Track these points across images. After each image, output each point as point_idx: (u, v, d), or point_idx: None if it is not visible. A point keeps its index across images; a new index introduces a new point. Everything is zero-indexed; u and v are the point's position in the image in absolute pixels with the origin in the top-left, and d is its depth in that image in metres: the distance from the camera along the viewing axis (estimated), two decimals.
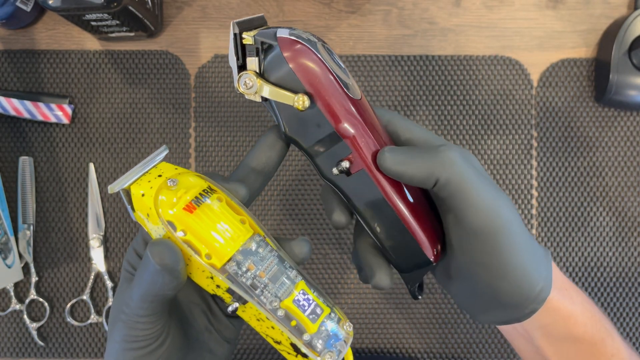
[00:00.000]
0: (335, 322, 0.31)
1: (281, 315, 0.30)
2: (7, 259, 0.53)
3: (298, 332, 0.30)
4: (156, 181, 0.30)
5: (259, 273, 0.30)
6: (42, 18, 0.55)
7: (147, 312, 0.31)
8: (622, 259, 0.54)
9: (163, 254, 0.29)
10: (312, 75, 0.31)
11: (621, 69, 0.51)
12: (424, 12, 0.55)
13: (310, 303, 0.30)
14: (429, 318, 0.55)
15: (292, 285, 0.30)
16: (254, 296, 0.30)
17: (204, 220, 0.29)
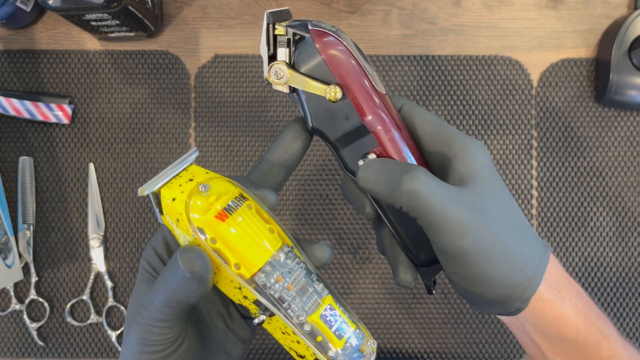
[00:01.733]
0: (360, 339, 0.30)
1: (307, 330, 0.29)
2: (7, 259, 0.53)
3: (323, 347, 0.29)
4: (187, 185, 0.29)
5: (287, 285, 0.29)
6: (42, 18, 0.55)
7: (167, 317, 0.30)
8: (622, 259, 0.54)
9: (193, 262, 0.28)
10: (343, 67, 0.31)
11: (621, 69, 0.51)
12: (424, 12, 0.55)
13: (337, 319, 0.30)
14: (429, 318, 0.55)
15: (320, 299, 0.30)
16: (282, 309, 0.29)
17: (235, 229, 0.29)
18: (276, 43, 0.32)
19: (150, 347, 0.31)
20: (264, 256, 0.29)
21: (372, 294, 0.55)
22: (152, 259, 0.33)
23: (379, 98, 0.32)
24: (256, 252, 0.29)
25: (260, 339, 0.55)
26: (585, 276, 0.54)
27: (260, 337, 0.55)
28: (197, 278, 0.28)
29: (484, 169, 0.32)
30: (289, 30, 0.31)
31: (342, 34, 0.32)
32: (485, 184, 0.32)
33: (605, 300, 0.54)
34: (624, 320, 0.54)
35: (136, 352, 0.31)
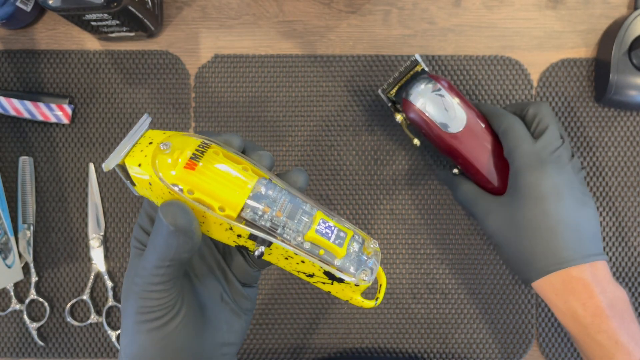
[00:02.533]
0: (360, 242, 0.31)
1: (307, 248, 0.30)
2: (7, 259, 0.53)
3: (328, 259, 0.30)
4: (149, 149, 0.29)
5: (275, 213, 0.30)
6: (42, 18, 0.56)
7: (162, 279, 0.30)
8: (622, 259, 0.54)
9: (175, 215, 0.28)
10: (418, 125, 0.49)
11: (621, 69, 0.51)
12: (424, 12, 0.55)
13: (333, 229, 0.30)
14: (429, 318, 0.55)
15: (311, 217, 0.30)
16: (277, 236, 0.30)
17: (207, 175, 0.29)
18: (395, 105, 0.52)
19: (148, 314, 0.31)
20: (244, 192, 0.29)
21: (372, 294, 0.55)
22: (140, 236, 0.33)
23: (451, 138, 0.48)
24: (235, 190, 0.29)
25: (260, 339, 0.55)
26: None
27: (260, 337, 0.55)
28: (182, 230, 0.28)
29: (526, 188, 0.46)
30: (397, 97, 0.51)
31: (428, 94, 0.48)
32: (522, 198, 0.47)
33: None
34: None
35: (135, 323, 0.31)
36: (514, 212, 0.45)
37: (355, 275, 0.30)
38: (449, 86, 0.48)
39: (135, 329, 0.31)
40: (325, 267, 0.30)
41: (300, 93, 0.55)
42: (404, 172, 0.55)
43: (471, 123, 0.48)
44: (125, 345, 0.32)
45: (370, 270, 0.31)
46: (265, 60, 0.55)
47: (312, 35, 0.55)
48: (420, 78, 0.48)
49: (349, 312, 0.55)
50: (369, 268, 0.31)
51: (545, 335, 0.54)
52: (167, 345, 0.31)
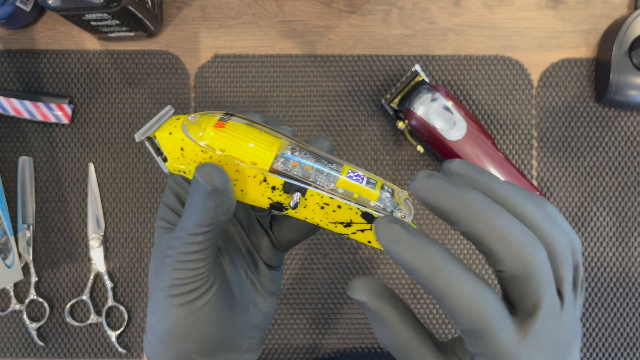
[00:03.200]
0: (390, 191, 0.31)
1: (342, 191, 0.30)
2: (7, 259, 0.53)
3: (363, 202, 0.30)
4: (178, 121, 0.31)
5: (305, 167, 0.31)
6: (42, 18, 0.55)
7: (198, 247, 0.30)
8: (622, 259, 0.54)
9: (211, 174, 0.28)
10: (421, 133, 0.51)
11: (621, 69, 0.51)
12: (424, 12, 0.55)
13: (363, 177, 0.31)
14: (429, 318, 0.55)
15: (339, 170, 0.31)
16: (310, 185, 0.30)
17: (236, 134, 0.30)
18: (398, 115, 0.54)
19: (182, 287, 0.30)
20: (274, 148, 0.30)
21: None
22: (167, 215, 0.33)
23: (452, 146, 0.51)
24: (265, 147, 0.30)
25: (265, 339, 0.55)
26: (586, 276, 0.54)
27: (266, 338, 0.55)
28: (218, 190, 0.28)
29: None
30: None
31: (431, 106, 0.50)
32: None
33: (605, 300, 0.54)
34: (624, 320, 0.54)
35: (167, 297, 0.31)
36: None
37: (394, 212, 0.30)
38: (450, 95, 0.51)
39: (167, 302, 0.31)
40: (363, 208, 0.30)
41: (300, 93, 0.55)
42: (404, 172, 0.55)
43: (472, 131, 0.50)
44: (155, 324, 0.32)
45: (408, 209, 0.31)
46: (265, 60, 0.55)
47: (312, 35, 0.55)
48: (422, 88, 0.51)
49: (349, 312, 0.55)
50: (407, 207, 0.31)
51: None
52: (198, 319, 0.31)
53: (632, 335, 0.54)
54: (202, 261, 0.30)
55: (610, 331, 0.54)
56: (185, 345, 0.31)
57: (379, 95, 0.55)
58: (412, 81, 0.53)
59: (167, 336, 0.31)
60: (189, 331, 0.31)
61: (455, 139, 0.50)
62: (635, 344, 0.54)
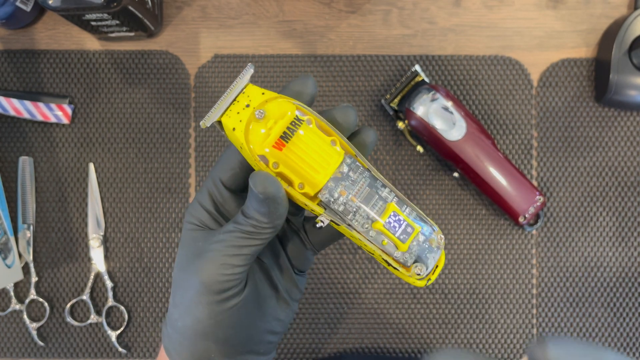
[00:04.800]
0: (427, 235, 0.31)
1: (372, 235, 0.31)
2: (7, 259, 0.53)
3: (389, 250, 0.31)
4: (245, 113, 0.30)
5: (350, 197, 0.30)
6: (42, 18, 0.55)
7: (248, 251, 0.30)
8: (622, 259, 0.54)
9: (264, 184, 0.29)
10: (421, 133, 0.52)
11: (621, 69, 0.51)
12: (424, 12, 0.55)
13: (401, 224, 0.31)
14: (429, 318, 0.55)
15: (384, 205, 0.31)
16: (346, 221, 0.31)
17: (294, 153, 0.30)
18: (397, 115, 0.54)
19: (215, 285, 0.30)
20: (326, 174, 0.30)
21: (372, 293, 0.55)
22: (200, 214, 0.32)
23: (452, 146, 0.51)
24: (317, 171, 0.30)
25: None
26: (585, 276, 0.54)
27: None
28: (271, 198, 0.29)
29: None
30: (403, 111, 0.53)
31: (431, 106, 0.51)
32: None
33: (605, 300, 0.54)
34: (623, 320, 0.54)
35: (197, 294, 0.30)
36: None
37: (411, 270, 0.31)
38: (449, 96, 0.51)
39: (196, 299, 0.31)
40: (384, 256, 0.31)
41: None
42: (404, 172, 0.55)
43: (471, 131, 0.50)
44: (177, 318, 0.32)
45: (425, 266, 0.31)
46: (265, 60, 0.55)
47: (312, 35, 0.55)
48: (422, 89, 0.51)
49: (349, 312, 0.55)
50: (426, 264, 0.31)
51: (545, 335, 0.54)
52: (224, 321, 0.31)
53: (632, 335, 0.54)
54: (244, 262, 0.30)
55: (610, 331, 0.54)
56: (206, 344, 0.31)
57: (379, 95, 0.55)
58: (412, 81, 0.53)
59: (189, 332, 0.31)
60: (212, 331, 0.31)
61: (455, 139, 0.50)
62: (635, 344, 0.54)
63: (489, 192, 0.51)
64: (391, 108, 0.53)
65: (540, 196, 0.52)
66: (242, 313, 0.31)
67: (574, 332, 0.54)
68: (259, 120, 0.30)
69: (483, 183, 0.51)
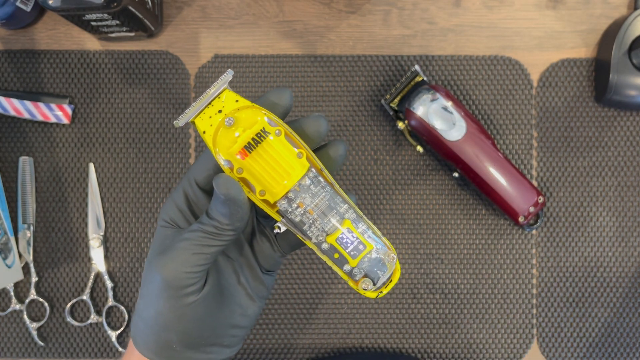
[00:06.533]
0: (379, 254, 0.33)
1: (325, 248, 0.32)
2: (7, 259, 0.53)
3: (340, 263, 0.32)
4: (216, 118, 0.31)
5: (308, 210, 0.32)
6: (42, 18, 0.56)
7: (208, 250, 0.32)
8: (622, 259, 0.54)
9: (225, 185, 0.30)
10: (421, 133, 0.51)
11: (621, 69, 0.51)
12: (424, 12, 0.55)
13: (354, 240, 0.32)
14: (429, 318, 0.55)
15: (340, 221, 0.32)
16: (300, 232, 0.32)
17: (257, 162, 0.31)
18: (398, 115, 0.54)
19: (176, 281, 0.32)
20: (287, 184, 0.31)
21: None
22: (173, 213, 0.34)
23: (451, 146, 0.51)
24: (278, 181, 0.31)
25: (260, 338, 0.55)
26: (585, 276, 0.55)
27: (260, 337, 0.55)
28: (232, 200, 0.30)
29: None
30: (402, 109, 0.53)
31: (430, 105, 0.51)
32: None
33: (605, 300, 0.54)
34: (623, 320, 0.54)
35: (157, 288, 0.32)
36: None
37: (359, 284, 0.33)
38: (449, 96, 0.51)
39: (157, 294, 0.32)
40: (335, 268, 0.33)
41: (300, 93, 0.55)
42: (404, 172, 0.55)
43: (471, 131, 0.50)
44: (142, 309, 0.33)
45: (372, 282, 0.33)
46: (265, 60, 0.55)
47: (312, 35, 0.55)
48: (422, 89, 0.51)
49: (349, 312, 0.55)
50: (374, 280, 0.33)
51: (545, 335, 0.54)
52: (183, 315, 0.32)
53: (632, 335, 0.54)
54: (204, 262, 0.32)
55: (610, 331, 0.54)
56: (168, 335, 0.33)
57: (378, 95, 0.55)
58: (412, 81, 0.53)
59: (152, 322, 0.33)
60: (173, 324, 0.32)
61: (455, 139, 0.50)
62: (635, 344, 0.54)
63: (489, 192, 0.51)
64: (391, 108, 0.53)
65: (540, 196, 0.52)
66: (202, 308, 0.33)
67: (574, 332, 0.54)
68: (228, 127, 0.31)
69: (483, 183, 0.51)
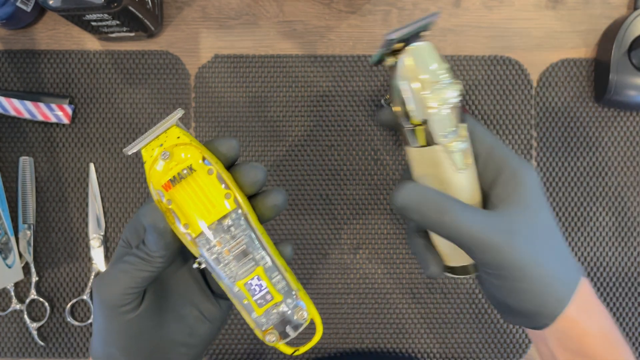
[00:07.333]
0: (290, 308, 0.34)
1: (235, 291, 0.33)
2: (8, 259, 0.53)
3: (248, 309, 0.34)
4: (157, 150, 0.34)
5: (224, 250, 0.33)
6: (43, 18, 0.56)
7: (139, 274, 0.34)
8: (622, 259, 0.55)
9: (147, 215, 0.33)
10: None
11: (621, 69, 0.51)
12: (424, 12, 0.55)
13: (262, 289, 0.34)
14: (429, 318, 0.55)
15: (253, 268, 0.33)
16: (215, 271, 0.33)
17: (182, 194, 0.33)
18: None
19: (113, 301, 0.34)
20: (208, 221, 0.33)
21: (372, 293, 0.55)
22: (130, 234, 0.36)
23: None
24: (200, 216, 0.33)
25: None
26: (585, 276, 0.55)
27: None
28: (153, 228, 0.33)
29: (527, 195, 0.35)
30: None
31: None
32: (525, 209, 0.35)
33: (605, 300, 0.54)
34: (623, 320, 0.54)
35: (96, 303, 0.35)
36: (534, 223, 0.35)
37: (265, 335, 0.34)
38: None
39: (97, 311, 0.35)
40: (243, 314, 0.34)
41: (300, 93, 0.55)
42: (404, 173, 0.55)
43: None
44: (93, 323, 0.36)
45: (276, 336, 0.34)
46: (265, 60, 0.55)
47: (312, 35, 0.55)
48: None
49: (349, 312, 0.55)
50: (281, 334, 0.34)
51: None
52: (121, 332, 0.35)
53: (632, 335, 0.54)
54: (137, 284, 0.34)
55: None
56: (110, 350, 0.35)
57: (378, 95, 0.55)
58: None
59: (97, 336, 0.35)
60: (113, 339, 0.35)
61: None
62: (635, 343, 0.54)
63: None
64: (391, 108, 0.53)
65: None
66: (140, 325, 0.35)
67: None
68: (163, 160, 0.33)
69: None
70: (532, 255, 0.34)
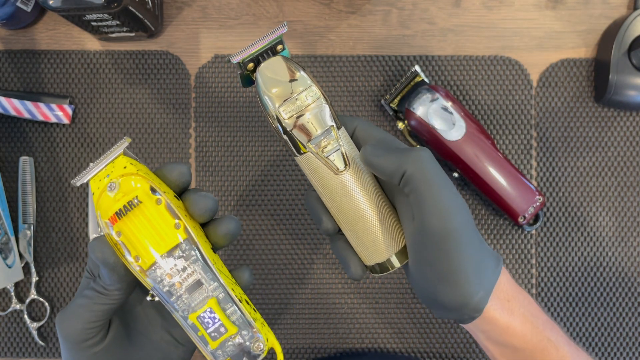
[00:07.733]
0: (246, 339, 0.33)
1: (190, 324, 0.33)
2: (8, 259, 0.53)
3: (203, 342, 0.33)
4: (103, 182, 0.33)
5: (175, 283, 0.32)
6: (43, 18, 0.56)
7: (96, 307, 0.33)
8: (622, 259, 0.54)
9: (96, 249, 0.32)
10: (421, 133, 0.51)
11: (621, 69, 0.51)
12: (424, 12, 0.55)
13: (215, 322, 0.33)
14: (429, 318, 0.55)
15: (205, 300, 0.33)
16: (168, 303, 0.33)
17: (130, 227, 0.32)
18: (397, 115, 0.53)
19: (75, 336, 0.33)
20: (158, 252, 0.32)
21: (372, 294, 0.55)
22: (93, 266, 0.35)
23: (451, 146, 0.51)
24: (147, 249, 0.32)
25: None
26: (585, 276, 0.55)
27: None
28: (102, 262, 0.32)
29: (427, 174, 0.34)
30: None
31: (431, 106, 0.51)
32: (429, 188, 0.34)
33: (605, 300, 0.54)
34: (623, 320, 0.54)
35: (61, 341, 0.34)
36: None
37: None
38: (449, 96, 0.51)
39: (61, 345, 0.34)
40: (198, 345, 0.33)
41: None
42: None
43: (471, 131, 0.50)
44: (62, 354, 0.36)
45: None
46: None
47: (312, 36, 0.55)
48: (422, 89, 0.51)
49: (349, 312, 0.55)
50: None
51: None
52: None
53: (632, 335, 0.54)
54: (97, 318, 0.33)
55: (610, 331, 0.54)
56: None
57: (378, 95, 0.55)
58: (412, 81, 0.53)
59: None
60: None
61: (455, 139, 0.50)
62: (635, 343, 0.54)
63: (489, 192, 0.51)
64: (391, 108, 0.53)
65: (539, 196, 0.52)
66: (108, 356, 0.34)
67: (573, 331, 0.54)
68: (110, 192, 0.32)
69: (483, 183, 0.51)
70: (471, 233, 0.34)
